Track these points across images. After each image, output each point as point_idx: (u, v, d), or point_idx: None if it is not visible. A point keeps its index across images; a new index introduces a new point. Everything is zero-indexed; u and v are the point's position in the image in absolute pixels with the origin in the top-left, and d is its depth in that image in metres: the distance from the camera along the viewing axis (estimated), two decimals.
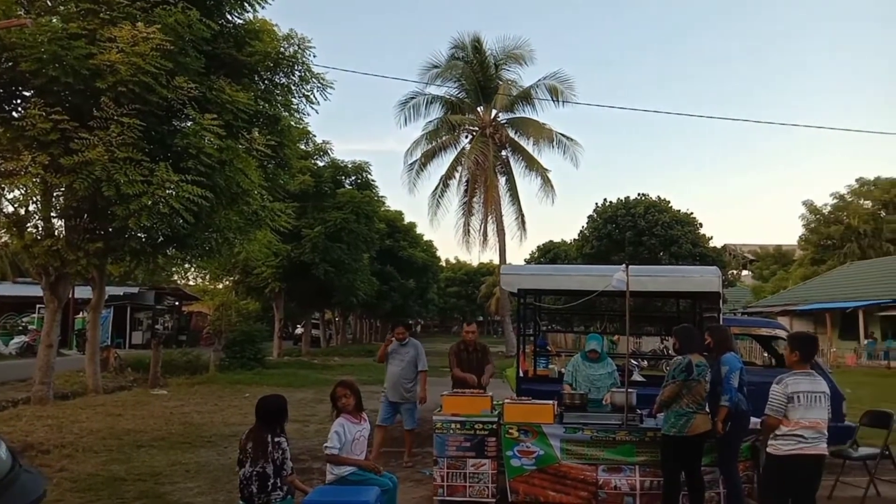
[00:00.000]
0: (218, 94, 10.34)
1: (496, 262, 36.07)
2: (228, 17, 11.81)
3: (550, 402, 6.34)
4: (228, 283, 25.85)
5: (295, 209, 16.77)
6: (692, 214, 35.88)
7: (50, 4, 10.42)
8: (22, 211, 11.47)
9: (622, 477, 5.98)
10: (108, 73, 9.14)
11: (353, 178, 29.93)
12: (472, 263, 73.28)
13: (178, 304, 41.24)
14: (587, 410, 6.35)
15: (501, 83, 33.47)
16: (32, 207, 11.55)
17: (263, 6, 11.83)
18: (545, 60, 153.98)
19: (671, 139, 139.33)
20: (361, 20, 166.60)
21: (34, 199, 11.36)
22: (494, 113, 33.67)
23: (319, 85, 12.32)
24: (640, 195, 36.65)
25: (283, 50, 11.74)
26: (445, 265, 73.40)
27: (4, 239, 12.81)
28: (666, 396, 5.51)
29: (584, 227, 38.24)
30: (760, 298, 43.94)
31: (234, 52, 11.36)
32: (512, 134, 33.55)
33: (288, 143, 12.85)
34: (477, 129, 33.23)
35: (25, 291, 28.84)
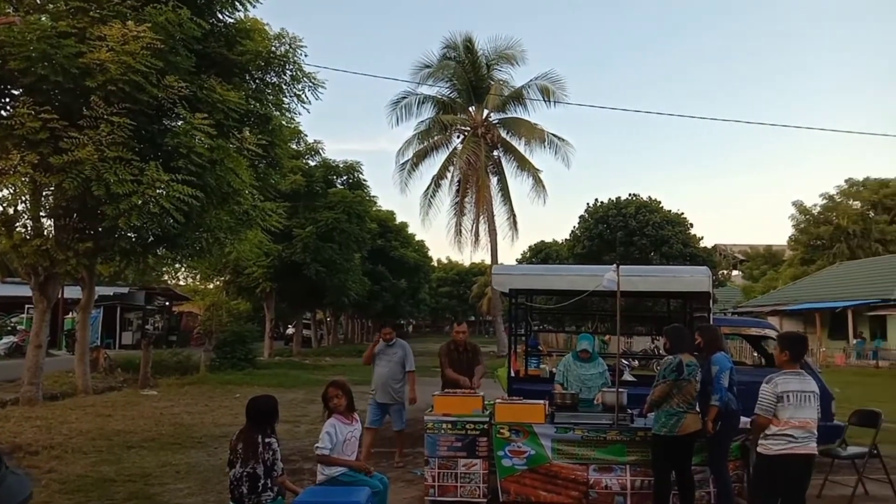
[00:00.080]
0: (209, 93, 10.31)
1: (488, 262, 36.05)
2: (219, 16, 11.77)
3: (542, 401, 6.34)
4: (219, 283, 25.77)
5: (286, 209, 16.73)
6: (683, 215, 36.10)
7: (39, 2, 10.34)
8: (11, 210, 11.39)
9: (613, 476, 5.99)
10: (97, 71, 9.08)
11: (344, 177, 29.89)
12: (463, 263, 73.49)
13: (168, 304, 41.02)
14: (578, 410, 6.36)
15: (493, 83, 33.44)
16: (21, 207, 11.48)
17: (254, 5, 11.85)
18: (537, 61, 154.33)
19: (662, 140, 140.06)
20: (353, 20, 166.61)
21: (23, 198, 11.28)
22: (486, 113, 33.65)
23: (311, 84, 12.33)
24: (631, 195, 36.81)
25: (274, 49, 11.72)
26: (437, 265, 73.43)
27: None
28: (656, 396, 5.53)
29: (575, 227, 38.39)
30: (750, 298, 44.23)
31: (224, 51, 11.32)
32: (504, 134, 33.54)
33: (279, 142, 12.84)
34: (469, 129, 33.20)
35: (14, 291, 28.51)
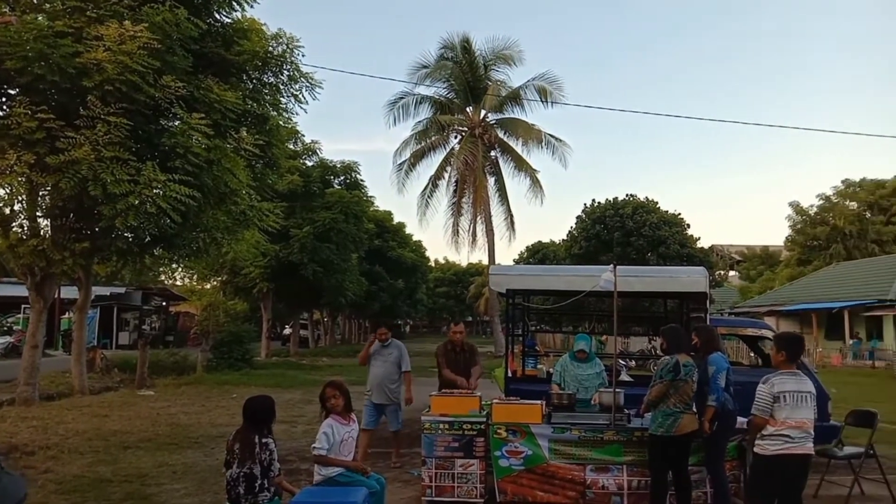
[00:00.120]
0: (206, 93, 10.29)
1: (485, 262, 36.06)
2: (216, 15, 11.75)
3: (539, 402, 6.35)
4: (216, 283, 25.70)
5: (283, 209, 16.71)
6: (680, 215, 36.10)
7: (36, 2, 10.32)
8: (7, 210, 11.38)
9: (610, 477, 5.99)
10: (94, 71, 9.06)
11: (341, 177, 29.90)
12: (461, 264, 73.58)
13: (165, 304, 40.97)
14: (575, 410, 6.37)
15: (490, 84, 33.42)
16: (18, 207, 11.47)
17: (252, 5, 11.81)
18: (534, 61, 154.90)
19: (659, 140, 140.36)
20: (350, 20, 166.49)
21: (19, 198, 11.28)
22: (483, 113, 33.64)
23: (308, 84, 12.30)
24: (628, 196, 36.82)
25: (271, 49, 11.70)
26: (434, 265, 73.51)
27: None
28: (653, 396, 5.53)
29: (572, 227, 38.39)
30: (747, 299, 44.35)
31: (222, 51, 11.31)
32: (501, 134, 33.54)
33: (276, 142, 12.82)
34: (466, 129, 33.18)
35: (10, 292, 28.49)
